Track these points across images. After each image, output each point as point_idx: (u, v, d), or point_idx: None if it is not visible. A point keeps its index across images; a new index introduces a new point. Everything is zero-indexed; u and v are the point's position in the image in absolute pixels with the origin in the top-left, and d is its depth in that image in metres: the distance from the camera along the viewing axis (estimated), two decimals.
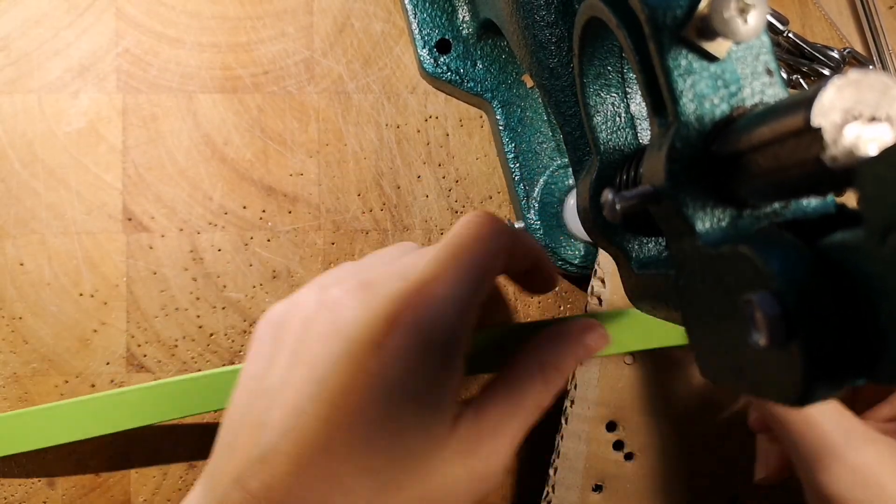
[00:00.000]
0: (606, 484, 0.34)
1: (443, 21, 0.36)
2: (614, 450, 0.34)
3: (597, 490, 0.34)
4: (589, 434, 0.34)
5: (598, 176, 0.24)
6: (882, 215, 0.12)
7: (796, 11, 0.39)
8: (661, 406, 0.34)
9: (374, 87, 0.36)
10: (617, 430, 0.34)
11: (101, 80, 0.35)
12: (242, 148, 0.35)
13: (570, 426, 0.34)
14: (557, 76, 0.28)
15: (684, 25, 0.16)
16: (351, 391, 0.22)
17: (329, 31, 0.36)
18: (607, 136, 0.24)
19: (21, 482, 0.33)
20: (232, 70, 0.35)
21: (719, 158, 0.16)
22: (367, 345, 0.22)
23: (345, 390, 0.22)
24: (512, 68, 0.36)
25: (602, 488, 0.34)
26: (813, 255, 0.13)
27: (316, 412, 0.22)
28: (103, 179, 0.34)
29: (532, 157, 0.36)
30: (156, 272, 0.34)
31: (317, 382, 0.23)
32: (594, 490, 0.34)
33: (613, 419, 0.34)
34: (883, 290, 0.12)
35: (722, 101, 0.17)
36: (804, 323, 0.13)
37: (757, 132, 0.15)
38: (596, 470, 0.34)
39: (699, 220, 0.17)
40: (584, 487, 0.34)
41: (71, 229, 0.34)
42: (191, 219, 0.35)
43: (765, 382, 0.14)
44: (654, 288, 0.21)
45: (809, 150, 0.13)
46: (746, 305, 0.13)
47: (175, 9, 0.35)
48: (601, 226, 0.24)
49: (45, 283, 0.34)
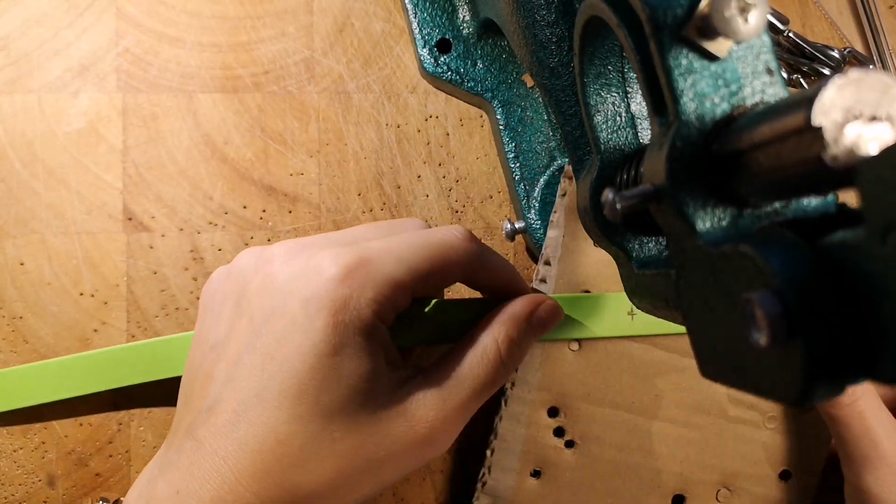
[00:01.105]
0: (545, 470, 0.33)
1: (443, 21, 0.36)
2: (555, 436, 0.33)
3: (535, 476, 0.33)
4: (528, 417, 0.33)
5: (598, 175, 0.24)
6: (883, 215, 0.12)
7: (796, 11, 0.39)
8: (606, 396, 0.33)
9: (374, 87, 0.36)
10: (558, 417, 0.33)
11: (101, 79, 0.35)
12: (243, 147, 0.35)
13: (510, 408, 0.33)
14: (558, 76, 0.28)
15: (685, 24, 0.16)
16: (283, 341, 0.23)
17: (329, 30, 0.36)
18: (608, 135, 0.24)
19: (21, 482, 0.33)
20: (232, 70, 0.35)
21: (720, 158, 0.16)
22: (298, 300, 0.23)
23: (278, 340, 0.23)
24: (512, 68, 0.36)
25: (540, 474, 0.33)
26: (814, 254, 0.13)
27: (252, 362, 0.24)
28: (103, 179, 0.34)
29: (532, 157, 0.36)
30: (156, 272, 0.34)
31: (255, 334, 0.24)
32: (532, 475, 0.33)
33: (555, 405, 0.33)
34: (884, 289, 0.12)
35: (722, 100, 0.17)
36: (805, 322, 0.13)
37: (758, 131, 0.15)
38: (534, 455, 0.33)
39: (700, 220, 0.17)
40: (521, 472, 0.33)
41: (71, 229, 0.34)
42: (191, 218, 0.35)
43: (765, 381, 0.14)
44: (654, 287, 0.21)
45: (810, 149, 0.13)
46: (747, 304, 0.13)
47: (175, 8, 0.35)
48: (601, 225, 0.24)
49: (46, 283, 0.34)
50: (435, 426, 0.24)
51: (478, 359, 0.26)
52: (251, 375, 0.23)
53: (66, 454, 0.33)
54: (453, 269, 0.26)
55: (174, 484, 0.23)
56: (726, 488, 0.34)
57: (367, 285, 0.23)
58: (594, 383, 0.33)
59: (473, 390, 0.25)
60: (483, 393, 0.26)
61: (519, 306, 0.27)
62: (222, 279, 0.27)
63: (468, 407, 0.25)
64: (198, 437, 0.24)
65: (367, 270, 0.24)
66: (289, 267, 0.25)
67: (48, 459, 0.33)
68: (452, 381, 0.25)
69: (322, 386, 0.23)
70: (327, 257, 0.24)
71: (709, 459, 0.33)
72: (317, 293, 0.23)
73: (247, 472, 0.22)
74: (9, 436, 0.33)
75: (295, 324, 0.23)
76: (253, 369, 0.23)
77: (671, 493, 0.33)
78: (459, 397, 0.25)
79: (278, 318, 0.23)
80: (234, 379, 0.24)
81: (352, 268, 0.24)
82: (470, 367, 0.25)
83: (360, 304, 0.23)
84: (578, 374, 0.33)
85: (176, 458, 0.24)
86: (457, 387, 0.25)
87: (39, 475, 0.33)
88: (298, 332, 0.23)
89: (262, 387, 0.23)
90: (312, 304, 0.23)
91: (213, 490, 0.22)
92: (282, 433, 0.22)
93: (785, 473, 0.34)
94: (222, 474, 0.22)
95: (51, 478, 0.33)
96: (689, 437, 0.33)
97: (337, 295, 0.23)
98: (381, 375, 0.24)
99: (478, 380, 0.25)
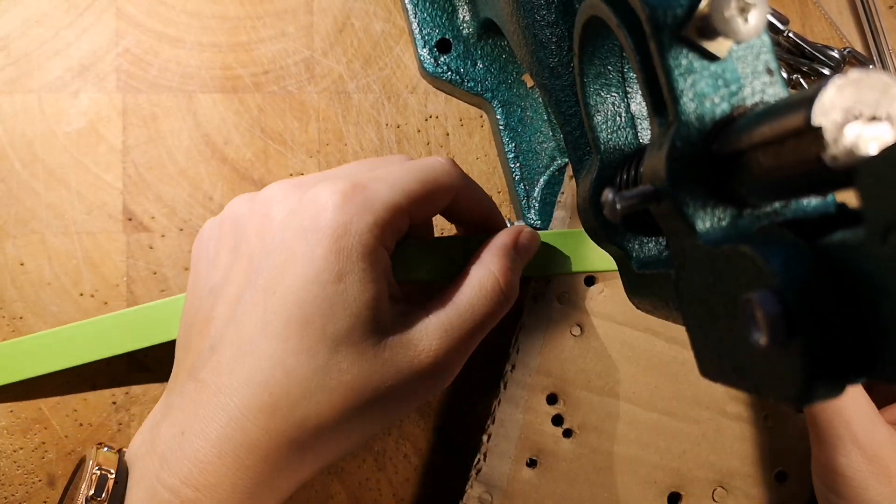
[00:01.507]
0: (541, 459, 0.33)
1: (443, 21, 0.36)
2: (553, 424, 0.33)
3: (531, 465, 0.33)
4: (527, 402, 0.32)
5: (598, 175, 0.24)
6: (882, 214, 0.12)
7: (796, 11, 0.39)
8: (606, 385, 0.33)
9: (374, 87, 0.36)
10: (557, 405, 0.33)
11: (101, 79, 0.35)
12: (243, 148, 0.35)
13: (509, 391, 0.32)
14: (558, 76, 0.28)
15: (685, 25, 0.16)
16: (285, 274, 0.23)
17: (329, 30, 0.36)
18: (607, 135, 0.24)
19: (21, 482, 0.33)
20: (232, 70, 0.35)
21: (720, 158, 0.16)
22: (297, 232, 0.23)
23: (280, 274, 0.23)
24: (512, 68, 0.36)
25: (536, 463, 0.33)
26: (814, 254, 0.13)
27: (254, 298, 0.23)
28: (103, 179, 0.34)
29: (532, 157, 0.36)
30: (156, 272, 0.34)
31: (255, 272, 0.24)
32: (528, 465, 0.33)
33: (554, 391, 0.33)
34: (884, 288, 0.12)
35: (722, 100, 0.17)
36: (805, 322, 0.13)
37: (757, 131, 0.15)
38: (531, 442, 0.32)
39: (699, 220, 0.17)
40: (517, 459, 0.32)
41: (71, 229, 0.34)
42: (191, 218, 0.35)
43: (765, 382, 0.14)
44: (654, 287, 0.21)
45: (810, 149, 0.13)
46: (747, 304, 0.13)
47: (175, 8, 0.35)
48: (601, 225, 0.24)
49: (46, 283, 0.34)
50: (439, 356, 0.24)
51: (477, 290, 0.26)
52: (254, 311, 0.23)
53: (66, 454, 0.33)
54: (444, 194, 0.26)
55: (178, 425, 0.23)
56: (722, 487, 0.33)
57: (366, 210, 0.23)
58: (594, 370, 0.33)
59: (475, 321, 0.25)
60: (484, 324, 0.26)
61: (504, 237, 0.28)
62: (215, 228, 0.27)
63: (471, 338, 0.26)
64: (200, 378, 0.23)
65: (364, 197, 0.24)
66: (285, 204, 0.25)
67: (48, 459, 0.33)
68: (454, 312, 0.25)
69: (327, 314, 0.23)
70: (323, 189, 0.24)
71: (706, 456, 0.33)
72: (315, 223, 0.23)
73: (254, 407, 0.22)
74: (9, 436, 0.33)
75: (296, 256, 0.23)
76: (255, 306, 0.23)
77: (667, 490, 0.33)
78: (462, 328, 0.25)
79: (278, 253, 0.23)
80: (235, 317, 0.24)
81: (349, 195, 0.24)
82: (470, 299, 0.26)
83: (360, 228, 0.23)
84: (579, 360, 0.33)
85: (179, 400, 0.24)
86: (458, 318, 0.25)
87: (39, 475, 0.33)
88: (300, 263, 0.23)
89: (266, 321, 0.23)
90: (312, 235, 0.23)
91: (219, 428, 0.22)
92: (289, 365, 0.22)
93: (781, 475, 0.34)
94: (228, 411, 0.22)
95: (51, 478, 0.33)
96: (687, 432, 0.33)
97: (336, 222, 0.23)
98: (384, 304, 0.24)
99: (479, 310, 0.26)
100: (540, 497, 0.33)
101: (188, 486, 0.22)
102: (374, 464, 0.35)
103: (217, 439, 0.22)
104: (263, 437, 0.22)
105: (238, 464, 0.22)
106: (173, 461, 0.22)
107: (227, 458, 0.22)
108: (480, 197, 0.29)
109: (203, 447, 0.22)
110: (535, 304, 0.33)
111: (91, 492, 0.23)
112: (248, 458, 0.22)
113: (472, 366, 0.34)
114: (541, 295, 0.33)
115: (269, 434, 0.22)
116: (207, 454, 0.22)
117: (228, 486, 0.22)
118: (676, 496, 0.33)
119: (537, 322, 0.33)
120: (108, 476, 0.24)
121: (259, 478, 0.22)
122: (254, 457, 0.22)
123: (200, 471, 0.22)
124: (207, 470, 0.22)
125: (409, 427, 0.35)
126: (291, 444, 0.23)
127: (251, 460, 0.22)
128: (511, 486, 0.32)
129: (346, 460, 0.35)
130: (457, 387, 0.34)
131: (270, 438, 0.22)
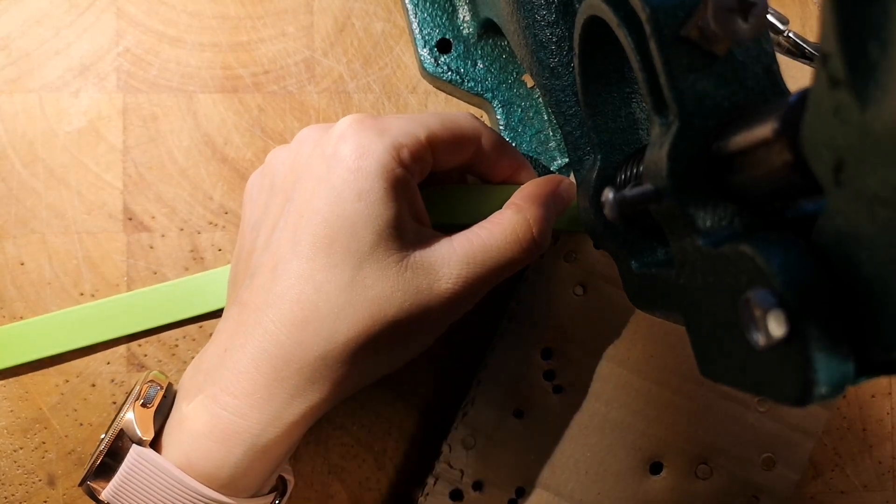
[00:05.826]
0: (528, 412, 0.32)
1: (443, 21, 0.36)
2: (545, 379, 0.33)
3: (517, 416, 0.32)
4: (521, 354, 0.32)
5: (598, 175, 0.24)
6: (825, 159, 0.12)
7: (796, 11, 0.39)
8: (602, 346, 0.32)
9: (374, 87, 0.36)
10: (551, 360, 0.33)
11: (102, 79, 0.35)
12: (243, 147, 0.35)
13: (505, 340, 0.32)
14: (558, 76, 0.28)
15: (685, 24, 0.16)
16: (311, 198, 0.25)
17: (329, 30, 0.36)
18: (608, 135, 0.24)
19: (21, 482, 0.33)
20: (232, 70, 0.35)
21: (720, 157, 0.17)
22: (319, 160, 0.25)
23: (307, 199, 0.25)
24: (512, 68, 0.36)
25: (523, 415, 0.32)
26: (813, 255, 0.13)
27: (285, 224, 0.25)
28: (104, 179, 0.34)
29: (532, 157, 0.36)
30: (156, 272, 0.34)
31: (287, 201, 0.26)
32: (514, 415, 0.32)
33: (550, 347, 0.33)
34: (883, 290, 0.12)
35: (723, 100, 0.17)
36: (805, 322, 0.13)
37: (742, 137, 0.15)
38: (521, 393, 0.32)
39: (700, 220, 0.17)
40: (504, 406, 0.32)
41: (71, 229, 0.34)
42: (191, 218, 0.35)
43: (766, 381, 0.14)
44: (654, 287, 0.21)
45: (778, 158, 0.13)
46: (747, 304, 0.13)
47: (176, 8, 0.35)
48: (602, 225, 0.24)
49: (46, 283, 0.34)
50: (458, 285, 0.25)
51: (509, 234, 0.27)
52: (285, 235, 0.25)
53: (66, 454, 0.33)
54: (467, 141, 0.28)
55: (222, 344, 0.25)
56: (706, 464, 0.33)
57: (384, 133, 0.25)
58: (593, 332, 0.33)
59: (499, 262, 0.26)
60: (508, 267, 0.27)
61: (544, 185, 0.29)
62: (257, 175, 0.29)
63: (491, 275, 0.26)
64: (242, 300, 0.25)
65: (383, 125, 0.26)
66: (312, 140, 0.27)
67: (48, 459, 0.33)
68: (480, 249, 0.26)
69: (351, 232, 0.24)
70: (345, 120, 0.26)
71: (695, 431, 0.33)
72: (336, 149, 0.25)
73: (287, 321, 0.24)
74: (9, 436, 0.33)
75: (320, 180, 0.25)
76: (286, 231, 0.25)
77: (651, 459, 0.33)
78: (486, 265, 0.26)
79: (306, 180, 0.25)
80: (271, 244, 0.26)
81: (367, 123, 0.25)
82: (499, 241, 0.26)
83: (378, 148, 0.25)
84: (579, 319, 0.33)
85: (223, 325, 0.26)
86: (483, 254, 0.26)
87: (39, 475, 0.33)
88: (323, 186, 0.25)
89: (296, 242, 0.25)
90: (332, 159, 0.25)
91: (256, 342, 0.24)
92: (318, 281, 0.24)
93: (768, 461, 0.34)
94: (264, 325, 0.24)
95: (51, 478, 0.33)
96: (678, 405, 0.33)
97: (355, 145, 0.25)
98: (407, 223, 0.25)
99: (506, 254, 0.26)
100: (523, 447, 0.32)
101: (227, 393, 0.24)
102: (374, 464, 0.35)
103: (254, 351, 0.24)
104: (297, 350, 0.24)
105: (274, 374, 0.24)
106: (216, 374, 0.25)
107: (263, 368, 0.24)
108: (511, 152, 0.30)
109: (242, 359, 0.24)
110: (540, 260, 0.33)
111: (140, 402, 0.25)
112: (284, 369, 0.24)
113: (474, 367, 0.34)
114: (546, 252, 0.33)
115: (303, 347, 0.24)
116: (246, 366, 0.24)
117: (266, 395, 0.24)
118: (659, 466, 0.33)
119: (540, 278, 0.33)
120: (158, 388, 0.26)
121: (294, 390, 0.24)
122: (288, 369, 0.24)
123: (239, 380, 0.24)
124: (245, 379, 0.24)
125: (409, 427, 0.35)
126: (324, 358, 0.24)
127: (286, 371, 0.24)
128: (495, 432, 0.32)
129: (346, 460, 0.35)
130: (457, 387, 0.34)
131: (304, 351, 0.24)
